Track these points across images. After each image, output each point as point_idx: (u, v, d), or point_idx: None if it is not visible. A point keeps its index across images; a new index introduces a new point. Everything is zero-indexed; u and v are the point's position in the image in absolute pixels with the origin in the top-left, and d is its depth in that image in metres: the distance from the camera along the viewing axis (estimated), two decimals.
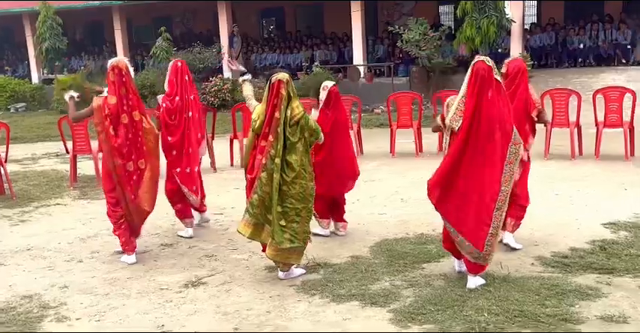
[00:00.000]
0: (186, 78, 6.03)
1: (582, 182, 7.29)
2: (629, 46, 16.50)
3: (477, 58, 4.22)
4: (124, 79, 5.17)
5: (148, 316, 4.24)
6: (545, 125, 6.15)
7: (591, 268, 4.59)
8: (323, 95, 5.51)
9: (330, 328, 3.88)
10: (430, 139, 9.65)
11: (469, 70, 4.21)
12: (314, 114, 5.45)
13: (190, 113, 5.99)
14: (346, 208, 5.89)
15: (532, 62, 15.58)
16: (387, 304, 4.17)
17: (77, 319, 4.26)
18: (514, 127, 4.22)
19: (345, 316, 4.03)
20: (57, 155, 11.14)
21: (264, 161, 4.50)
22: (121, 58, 5.33)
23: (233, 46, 20.93)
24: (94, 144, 7.72)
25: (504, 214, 4.32)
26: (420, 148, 9.68)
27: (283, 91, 4.49)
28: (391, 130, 9.82)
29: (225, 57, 19.54)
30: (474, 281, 4.30)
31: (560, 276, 4.49)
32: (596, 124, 8.77)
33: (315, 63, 17.58)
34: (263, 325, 3.97)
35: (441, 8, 21.53)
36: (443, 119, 4.38)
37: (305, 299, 4.35)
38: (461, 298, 4.16)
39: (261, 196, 4.52)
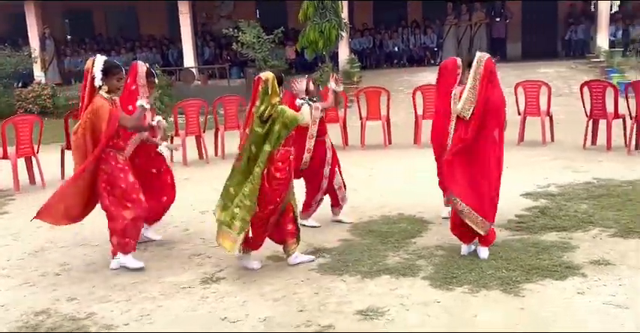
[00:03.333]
0: None
1: None
2: (435, 49, 18.69)
3: (483, 55, 4.86)
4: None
5: (198, 312, 4.25)
6: None
7: (547, 229, 5.54)
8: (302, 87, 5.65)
9: (396, 300, 4.26)
10: None
11: (477, 65, 4.81)
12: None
13: None
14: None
15: (358, 64, 16.95)
16: (415, 274, 4.66)
17: (125, 324, 4.11)
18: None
19: (390, 287, 4.44)
20: None
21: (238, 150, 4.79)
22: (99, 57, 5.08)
23: (46, 49, 19.56)
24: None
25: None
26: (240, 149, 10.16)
27: (260, 88, 4.73)
28: (216, 132, 10.30)
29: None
30: (486, 252, 4.94)
31: (530, 237, 5.36)
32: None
33: (155, 65, 17.16)
34: (327, 304, 4.23)
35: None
36: None
37: (337, 279, 4.66)
38: (474, 263, 4.80)
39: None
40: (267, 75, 4.77)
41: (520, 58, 19.03)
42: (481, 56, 4.85)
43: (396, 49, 18.66)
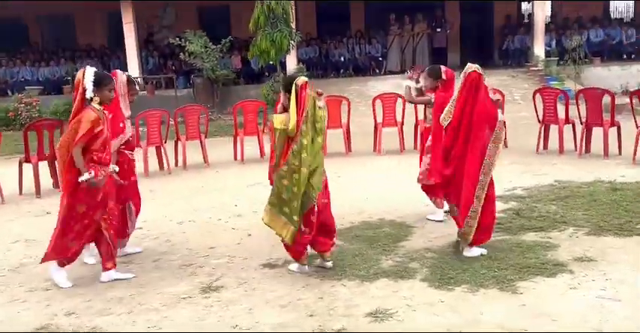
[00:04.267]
0: None
1: None
2: (380, 58, 19.09)
3: (470, 67, 5.07)
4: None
5: (207, 321, 4.24)
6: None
7: (525, 229, 5.80)
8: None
9: (401, 301, 4.38)
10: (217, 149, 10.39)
11: (462, 77, 5.05)
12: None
13: None
14: None
15: (306, 73, 17.08)
16: (412, 277, 4.80)
17: None
18: (498, 125, 5.15)
19: (392, 290, 4.56)
20: None
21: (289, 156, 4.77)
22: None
23: None
24: None
25: (482, 201, 5.19)
26: (206, 158, 10.24)
27: (309, 91, 4.81)
28: (177, 142, 10.31)
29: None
30: (476, 251, 5.13)
31: (511, 237, 5.61)
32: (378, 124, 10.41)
33: None
34: (335, 308, 4.30)
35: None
36: None
37: (337, 284, 4.75)
38: (466, 263, 4.98)
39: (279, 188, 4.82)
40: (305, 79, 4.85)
41: (459, 67, 19.66)
42: (467, 68, 5.08)
43: (342, 58, 18.95)
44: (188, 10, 20.87)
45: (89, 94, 4.78)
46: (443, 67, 6.18)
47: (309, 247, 5.01)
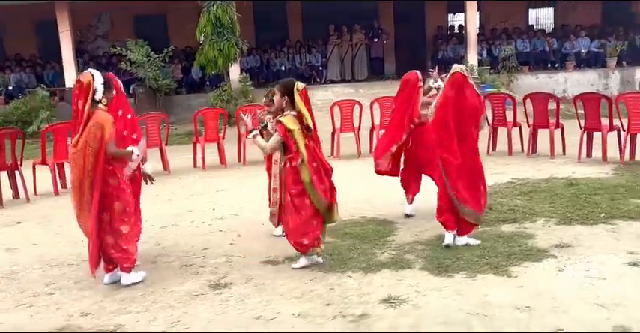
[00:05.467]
0: None
1: None
2: (320, 68, 19.48)
3: (455, 68, 5.46)
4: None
5: (229, 314, 4.39)
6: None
7: (500, 221, 6.22)
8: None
9: (409, 288, 4.67)
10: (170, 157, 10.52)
11: (447, 78, 5.45)
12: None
13: None
14: None
15: (250, 83, 17.24)
16: (411, 266, 5.11)
17: (162, 332, 4.17)
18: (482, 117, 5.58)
19: (397, 279, 4.85)
20: None
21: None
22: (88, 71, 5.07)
23: None
24: None
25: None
26: (166, 166, 10.29)
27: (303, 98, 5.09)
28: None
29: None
30: (465, 240, 5.52)
31: (490, 229, 6.01)
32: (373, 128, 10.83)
33: (42, 85, 16.41)
34: (349, 297, 4.54)
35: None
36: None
37: (343, 276, 4.99)
38: (458, 253, 5.33)
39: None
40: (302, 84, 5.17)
41: (396, 76, 20.31)
42: (452, 69, 5.48)
43: (283, 67, 19.20)
44: (124, 19, 20.59)
45: (99, 95, 4.86)
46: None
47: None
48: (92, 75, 4.90)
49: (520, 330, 3.88)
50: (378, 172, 6.68)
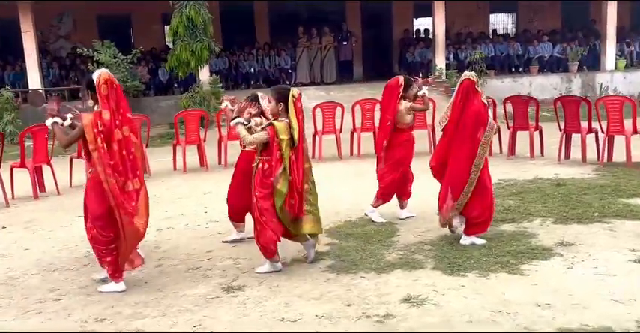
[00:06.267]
0: None
1: None
2: (290, 70, 19.45)
3: (465, 75, 5.53)
4: (115, 93, 4.87)
5: (251, 316, 4.34)
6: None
7: (499, 221, 6.31)
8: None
9: (427, 288, 4.69)
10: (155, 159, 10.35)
11: (458, 85, 5.52)
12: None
13: None
14: None
15: (220, 85, 17.09)
16: (422, 267, 5.15)
17: None
18: (488, 126, 5.61)
19: (412, 279, 4.88)
20: None
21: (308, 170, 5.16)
22: (107, 70, 4.95)
23: None
24: None
25: (469, 196, 5.64)
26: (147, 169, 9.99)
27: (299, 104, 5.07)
28: None
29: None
30: (471, 239, 5.60)
31: (492, 228, 6.02)
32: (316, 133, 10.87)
33: (7, 87, 15.90)
34: (368, 297, 4.54)
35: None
36: None
37: (356, 277, 4.99)
38: (466, 252, 5.40)
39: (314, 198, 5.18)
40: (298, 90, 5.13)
41: (364, 79, 20.43)
42: (462, 76, 5.57)
43: (252, 70, 19.11)
44: (87, 19, 20.14)
45: None
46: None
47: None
48: (107, 73, 4.85)
49: (547, 326, 3.95)
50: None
